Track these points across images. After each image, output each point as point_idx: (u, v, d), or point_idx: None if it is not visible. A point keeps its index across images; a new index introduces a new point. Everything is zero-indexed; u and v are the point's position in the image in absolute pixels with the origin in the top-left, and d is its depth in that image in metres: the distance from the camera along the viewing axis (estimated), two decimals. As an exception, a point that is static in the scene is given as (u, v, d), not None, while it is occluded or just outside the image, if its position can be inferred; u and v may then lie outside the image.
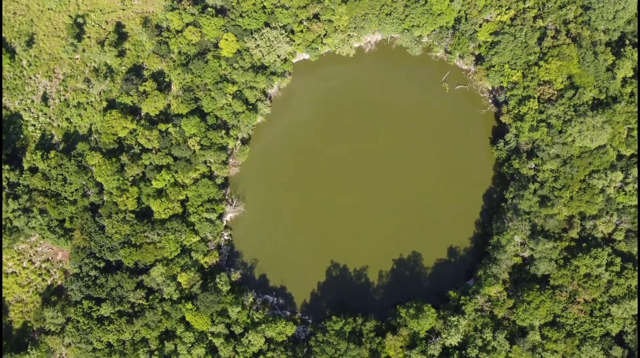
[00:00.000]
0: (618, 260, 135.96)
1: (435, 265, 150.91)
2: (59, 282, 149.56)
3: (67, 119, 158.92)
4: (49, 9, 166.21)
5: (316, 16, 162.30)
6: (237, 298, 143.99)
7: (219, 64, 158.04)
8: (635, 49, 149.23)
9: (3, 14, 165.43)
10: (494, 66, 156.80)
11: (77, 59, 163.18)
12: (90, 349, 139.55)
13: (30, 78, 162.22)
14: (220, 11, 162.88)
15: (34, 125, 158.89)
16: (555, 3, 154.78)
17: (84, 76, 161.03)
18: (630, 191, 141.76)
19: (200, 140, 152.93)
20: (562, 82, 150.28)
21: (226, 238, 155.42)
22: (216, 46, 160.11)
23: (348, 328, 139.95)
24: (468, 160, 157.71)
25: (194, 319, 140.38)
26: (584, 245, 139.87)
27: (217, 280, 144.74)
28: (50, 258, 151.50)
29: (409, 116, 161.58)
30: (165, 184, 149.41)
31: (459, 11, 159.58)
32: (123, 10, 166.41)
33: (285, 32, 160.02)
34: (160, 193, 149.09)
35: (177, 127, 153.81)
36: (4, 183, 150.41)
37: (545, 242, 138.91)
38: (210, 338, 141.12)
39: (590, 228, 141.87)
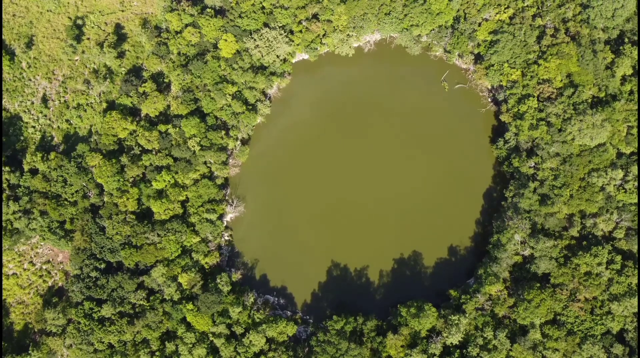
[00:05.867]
0: (618, 258, 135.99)
1: (436, 264, 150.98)
2: (60, 283, 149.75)
3: (67, 120, 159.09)
4: (48, 11, 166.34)
5: (315, 16, 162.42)
6: (237, 299, 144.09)
7: (219, 65, 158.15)
8: (635, 47, 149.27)
9: (2, 15, 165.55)
10: (493, 65, 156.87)
11: (77, 60, 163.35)
12: (92, 350, 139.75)
13: (30, 80, 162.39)
14: (219, 12, 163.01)
15: (34, 127, 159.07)
16: (554, 2, 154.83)
17: (84, 77, 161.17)
18: (630, 189, 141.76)
19: (200, 141, 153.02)
20: (562, 80, 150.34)
21: (226, 238, 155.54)
22: (215, 46, 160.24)
23: (349, 327, 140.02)
24: (468, 159, 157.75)
25: (195, 320, 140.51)
26: (584, 243, 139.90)
27: (218, 280, 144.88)
28: (51, 260, 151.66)
29: (409, 115, 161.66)
30: (166, 185, 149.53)
31: (458, 10, 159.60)
32: (122, 11, 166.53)
33: (285, 32, 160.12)
34: (160, 194, 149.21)
35: (177, 128, 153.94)
36: (4, 185, 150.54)
37: (546, 240, 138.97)
38: (211, 338, 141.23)
39: (590, 226, 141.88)
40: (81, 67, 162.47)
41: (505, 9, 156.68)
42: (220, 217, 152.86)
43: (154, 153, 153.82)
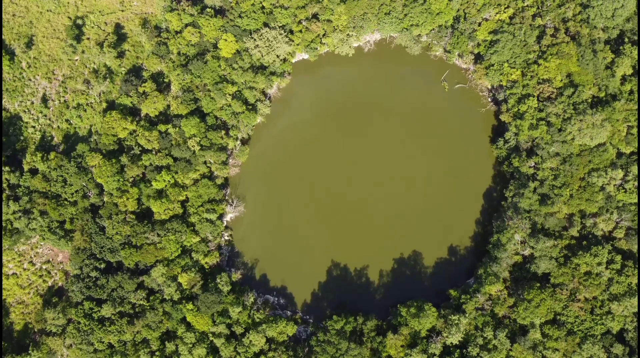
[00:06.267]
0: (618, 257, 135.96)
1: (436, 264, 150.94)
2: (60, 283, 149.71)
3: (66, 120, 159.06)
4: (48, 11, 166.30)
5: (315, 16, 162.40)
6: (237, 299, 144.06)
7: (218, 65, 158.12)
8: (635, 46, 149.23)
9: (2, 15, 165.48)
10: (493, 65, 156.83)
11: (77, 60, 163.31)
12: (92, 350, 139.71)
13: (30, 80, 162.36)
14: (219, 12, 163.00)
15: (33, 127, 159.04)
16: (554, 1, 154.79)
17: (84, 77, 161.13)
18: (630, 189, 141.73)
19: (200, 141, 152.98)
20: (562, 80, 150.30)
21: (226, 238, 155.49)
22: (215, 46, 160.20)
23: (349, 327, 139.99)
24: (468, 159, 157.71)
25: (194, 319, 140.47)
26: (584, 243, 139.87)
27: (218, 280, 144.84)
28: (50, 260, 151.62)
29: (409, 115, 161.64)
30: (166, 185, 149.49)
31: (458, 10, 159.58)
32: (122, 11, 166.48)
33: (284, 32, 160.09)
34: (160, 194, 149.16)
35: (177, 128, 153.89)
36: (4, 185, 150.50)
37: (546, 240, 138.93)
38: (211, 338, 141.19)
39: (590, 226, 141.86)
40: (81, 67, 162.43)
41: (505, 8, 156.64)
42: (220, 217, 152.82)
43: (153, 152, 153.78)
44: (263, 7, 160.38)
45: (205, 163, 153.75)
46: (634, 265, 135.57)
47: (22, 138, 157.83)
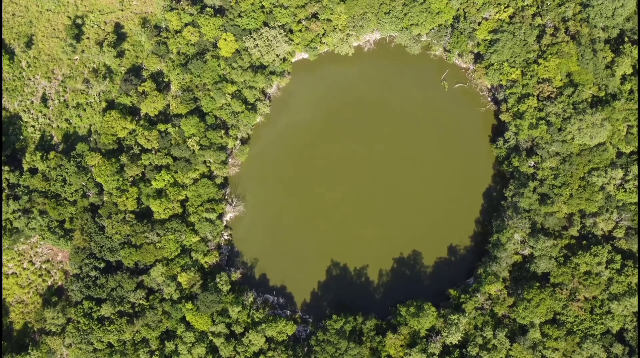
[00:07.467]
0: (618, 257, 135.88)
1: (436, 264, 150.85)
2: (60, 283, 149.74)
3: (66, 120, 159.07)
4: (47, 10, 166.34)
5: (315, 15, 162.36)
6: (237, 298, 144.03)
7: (218, 64, 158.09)
8: (635, 46, 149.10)
9: (2, 15, 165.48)
10: (493, 64, 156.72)
11: (76, 60, 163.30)
12: (91, 349, 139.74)
13: (30, 79, 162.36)
14: (219, 11, 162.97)
15: (33, 126, 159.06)
16: (554, 1, 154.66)
17: (83, 76, 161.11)
18: (630, 189, 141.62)
19: (199, 140, 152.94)
20: (561, 79, 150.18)
21: (226, 237, 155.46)
22: (215, 45, 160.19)
23: (348, 327, 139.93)
24: (467, 158, 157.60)
25: (194, 319, 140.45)
26: (584, 242, 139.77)
27: (217, 279, 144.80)
28: (50, 259, 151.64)
29: (408, 114, 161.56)
30: (165, 185, 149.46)
31: (458, 9, 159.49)
32: (122, 10, 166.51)
33: (284, 31, 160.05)
34: (160, 193, 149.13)
35: (177, 128, 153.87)
36: (4, 184, 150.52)
37: (545, 240, 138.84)
38: (210, 338, 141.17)
39: (590, 225, 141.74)
40: (81, 67, 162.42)
41: (505, 8, 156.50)
42: (220, 216, 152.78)
43: (153, 152, 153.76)
44: (263, 7, 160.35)
45: (204, 162, 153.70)
46: (634, 264, 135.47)
47: (21, 137, 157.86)
